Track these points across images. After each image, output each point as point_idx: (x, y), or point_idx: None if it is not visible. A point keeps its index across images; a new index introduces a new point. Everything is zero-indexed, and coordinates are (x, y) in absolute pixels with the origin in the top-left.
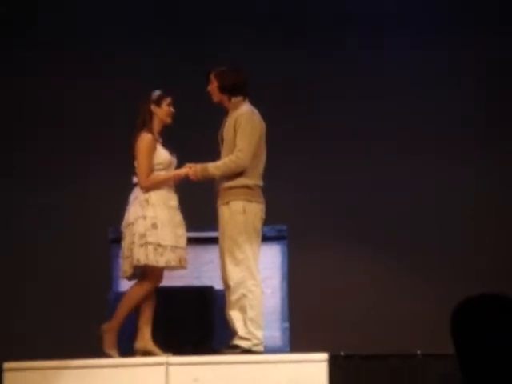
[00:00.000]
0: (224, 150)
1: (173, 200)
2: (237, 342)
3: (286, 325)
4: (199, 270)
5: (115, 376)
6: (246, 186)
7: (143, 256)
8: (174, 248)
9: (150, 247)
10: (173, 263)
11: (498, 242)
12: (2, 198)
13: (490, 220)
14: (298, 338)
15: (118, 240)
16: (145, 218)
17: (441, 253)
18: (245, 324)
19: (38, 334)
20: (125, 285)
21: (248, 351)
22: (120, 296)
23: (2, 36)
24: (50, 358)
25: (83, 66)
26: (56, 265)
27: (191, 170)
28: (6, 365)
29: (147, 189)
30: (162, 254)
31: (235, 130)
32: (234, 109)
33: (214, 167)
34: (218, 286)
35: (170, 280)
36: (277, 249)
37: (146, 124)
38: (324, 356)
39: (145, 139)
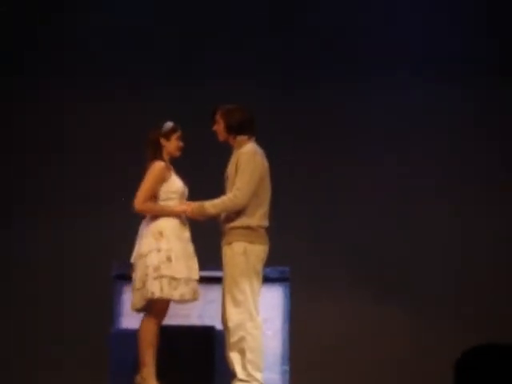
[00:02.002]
0: (227, 187)
1: (186, 231)
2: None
3: (286, 367)
4: (202, 309)
5: None
6: (249, 227)
7: (157, 289)
8: (188, 280)
9: (165, 280)
10: (187, 296)
11: (500, 291)
12: (2, 234)
13: (494, 269)
14: (298, 381)
15: (121, 276)
16: (159, 250)
17: (445, 298)
18: (244, 366)
19: (39, 370)
20: (127, 321)
21: None
22: (122, 333)
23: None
24: None
25: (89, 101)
26: (58, 301)
27: (189, 207)
28: None
29: (141, 212)
30: (175, 288)
31: (236, 169)
32: (238, 147)
33: (210, 205)
34: (220, 325)
35: (172, 319)
36: (279, 290)
37: (156, 156)
38: None
39: (157, 166)
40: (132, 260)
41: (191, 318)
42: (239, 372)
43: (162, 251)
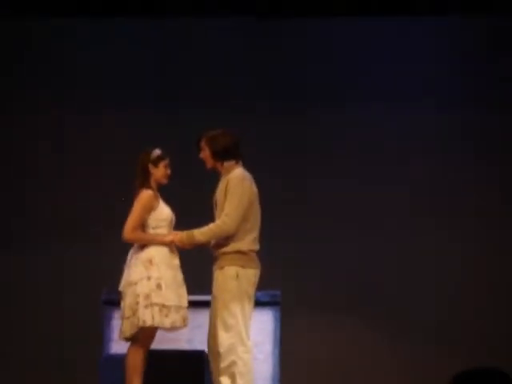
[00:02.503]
0: (217, 213)
1: (175, 259)
2: None
3: None
4: (191, 333)
5: None
6: (240, 252)
7: (149, 317)
8: (178, 308)
9: (156, 308)
10: (178, 324)
11: (491, 313)
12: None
13: (486, 291)
14: None
15: (110, 302)
16: (149, 278)
17: (434, 323)
18: None
19: None
20: (117, 347)
21: None
22: (112, 358)
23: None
24: None
25: (81, 123)
26: (47, 326)
27: (177, 236)
28: None
29: (129, 242)
30: (166, 315)
31: (225, 194)
32: (226, 173)
33: (199, 233)
34: None
35: (162, 343)
36: (269, 314)
37: (144, 183)
38: None
39: (146, 194)
40: (120, 288)
41: (181, 342)
42: None
43: (152, 279)
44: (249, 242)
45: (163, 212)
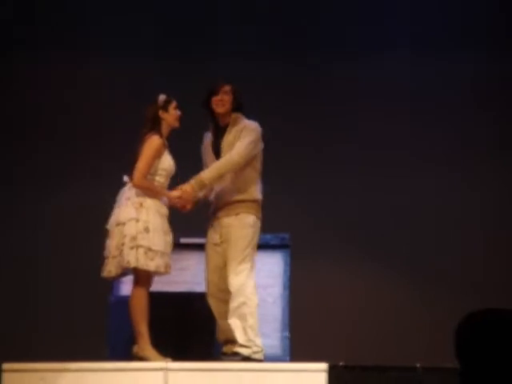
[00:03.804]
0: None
1: (164, 208)
2: (237, 349)
3: (287, 334)
4: (201, 275)
5: (114, 380)
6: (256, 201)
7: (133, 259)
8: (163, 254)
9: (141, 250)
10: (162, 269)
11: (498, 256)
12: (2, 202)
13: (490, 233)
14: (298, 347)
15: None
16: (137, 220)
17: (442, 266)
18: (244, 332)
19: (38, 336)
20: (126, 288)
21: (248, 358)
22: (121, 300)
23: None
24: (49, 360)
25: (80, 72)
26: (56, 267)
27: (186, 189)
28: (6, 366)
29: (138, 188)
30: (152, 259)
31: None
32: (235, 123)
33: (204, 173)
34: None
35: (171, 285)
36: (279, 257)
37: (154, 129)
38: (323, 366)
39: (155, 141)
40: (108, 226)
41: (190, 284)
42: (240, 337)
43: (141, 221)
44: (260, 191)
45: (166, 161)
